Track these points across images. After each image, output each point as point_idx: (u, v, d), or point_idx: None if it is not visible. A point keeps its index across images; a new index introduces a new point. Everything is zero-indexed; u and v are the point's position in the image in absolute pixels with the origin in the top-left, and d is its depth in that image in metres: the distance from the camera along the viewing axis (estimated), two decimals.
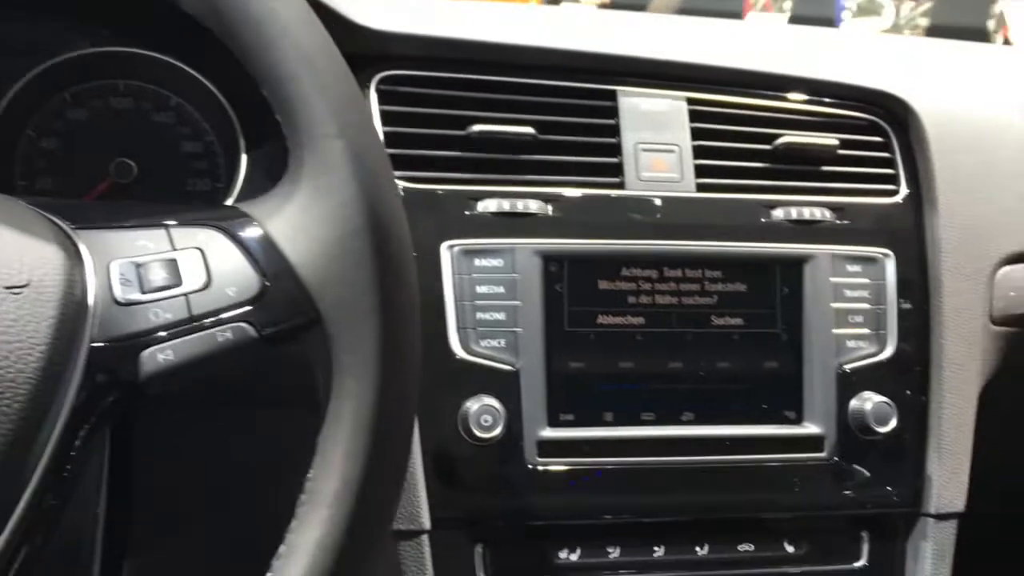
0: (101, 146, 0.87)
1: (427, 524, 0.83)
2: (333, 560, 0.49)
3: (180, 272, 0.51)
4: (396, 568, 0.83)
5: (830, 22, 2.01)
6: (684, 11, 1.58)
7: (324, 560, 0.49)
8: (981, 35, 1.97)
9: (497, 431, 0.82)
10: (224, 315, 0.51)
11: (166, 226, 0.53)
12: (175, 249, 0.52)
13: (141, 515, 0.89)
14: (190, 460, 0.84)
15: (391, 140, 0.87)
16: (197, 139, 0.89)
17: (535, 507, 0.86)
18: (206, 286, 0.51)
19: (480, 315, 0.85)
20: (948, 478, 0.92)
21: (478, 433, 0.82)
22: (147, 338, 0.50)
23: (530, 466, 0.85)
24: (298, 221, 0.53)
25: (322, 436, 0.52)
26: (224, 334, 0.51)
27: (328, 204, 0.52)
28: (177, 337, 0.50)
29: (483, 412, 0.82)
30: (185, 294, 0.51)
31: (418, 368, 0.57)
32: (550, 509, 0.86)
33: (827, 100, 0.99)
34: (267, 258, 0.52)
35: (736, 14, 1.88)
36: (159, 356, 0.50)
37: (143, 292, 0.50)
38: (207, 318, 0.51)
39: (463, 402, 0.83)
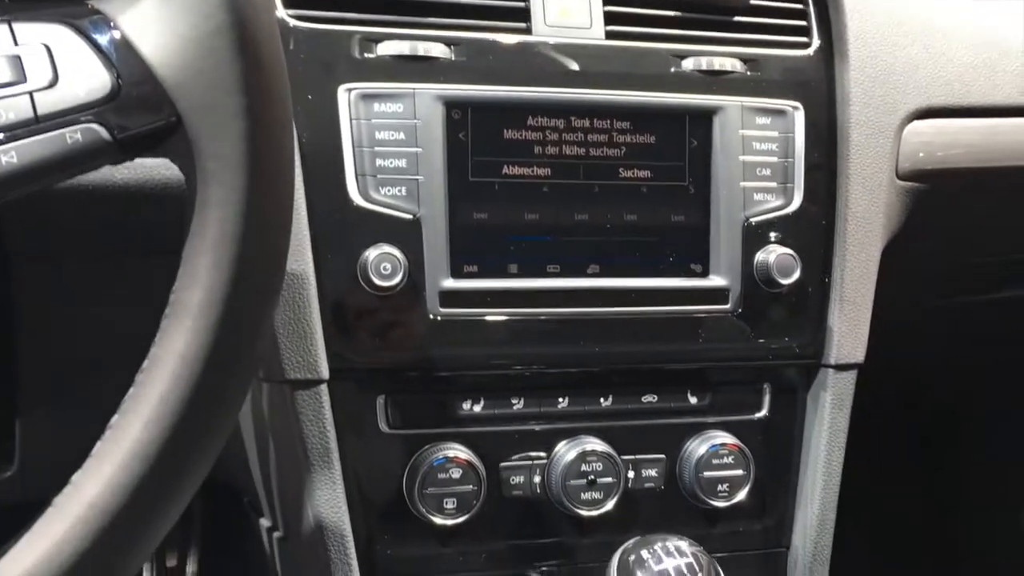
0: None
1: (325, 374, 0.81)
2: (196, 373, 0.47)
3: (24, 69, 0.47)
4: (294, 418, 0.82)
5: None
6: None
7: (186, 372, 0.47)
8: None
9: (397, 279, 0.80)
10: (73, 116, 0.47)
11: (7, 20, 0.48)
12: (17, 44, 0.48)
13: (28, 367, 0.86)
14: (76, 303, 0.80)
15: None
16: None
17: (437, 358, 0.85)
18: (52, 84, 0.47)
19: (380, 162, 0.82)
20: (848, 330, 0.93)
21: (377, 281, 0.80)
22: None
23: (432, 316, 0.84)
24: (155, 16, 0.49)
25: (186, 247, 0.49)
26: (73, 136, 0.47)
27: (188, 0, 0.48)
28: (21, 138, 0.46)
29: (383, 260, 0.80)
30: (29, 92, 0.47)
31: (290, 176, 0.54)
32: (453, 360, 0.85)
33: None
34: (120, 55, 0.48)
35: None
36: (2, 159, 0.46)
37: None
38: (55, 118, 0.47)
39: (362, 251, 0.81)
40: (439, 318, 0.84)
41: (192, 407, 0.47)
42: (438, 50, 0.84)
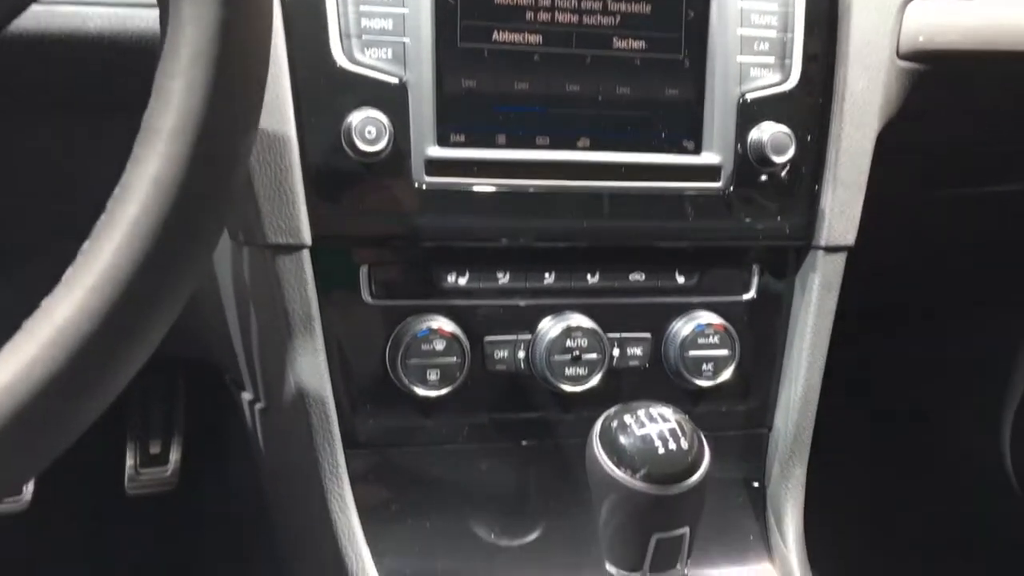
0: None
1: (307, 240, 0.80)
2: (170, 198, 0.45)
3: None
4: (276, 284, 0.80)
5: None
6: None
7: (160, 197, 0.45)
8: None
9: (382, 145, 0.78)
10: None
11: None
12: None
13: None
14: (40, 161, 0.78)
15: None
16: None
17: (422, 228, 0.83)
18: None
19: (364, 22, 0.79)
20: (841, 211, 0.92)
21: (362, 146, 0.78)
22: None
23: (417, 184, 0.82)
24: None
25: (159, 71, 0.47)
26: None
27: None
28: None
29: (367, 124, 0.78)
30: None
31: None
32: (437, 230, 0.84)
33: None
34: None
35: None
36: None
37: None
38: None
39: (346, 114, 0.78)
40: (424, 187, 0.82)
41: (165, 234, 0.45)
42: None
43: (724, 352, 0.91)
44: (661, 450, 0.68)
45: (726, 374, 0.92)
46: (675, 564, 0.71)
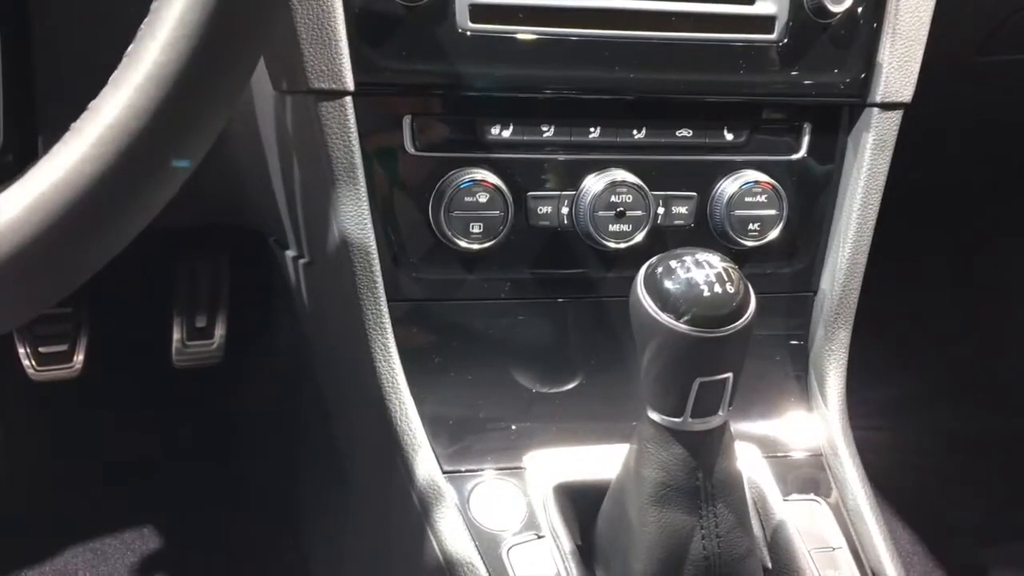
0: None
1: (350, 85, 0.78)
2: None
3: None
4: (319, 130, 0.79)
5: None
6: None
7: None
8: None
9: None
10: None
11: None
12: None
13: (45, 76, 0.83)
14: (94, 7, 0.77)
15: None
16: None
17: (465, 76, 0.81)
18: None
19: None
20: (899, 66, 0.89)
21: None
22: None
23: (461, 30, 0.80)
24: None
25: None
26: None
27: None
28: None
29: None
30: None
31: None
32: (481, 79, 0.82)
33: None
34: None
35: None
36: None
37: None
38: None
39: None
40: (468, 33, 0.80)
41: (211, 30, 0.44)
42: None
43: (771, 212, 0.90)
44: (706, 293, 0.67)
45: (773, 234, 0.90)
46: (717, 409, 0.71)
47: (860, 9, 0.86)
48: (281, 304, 1.24)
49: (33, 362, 1.54)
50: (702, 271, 0.68)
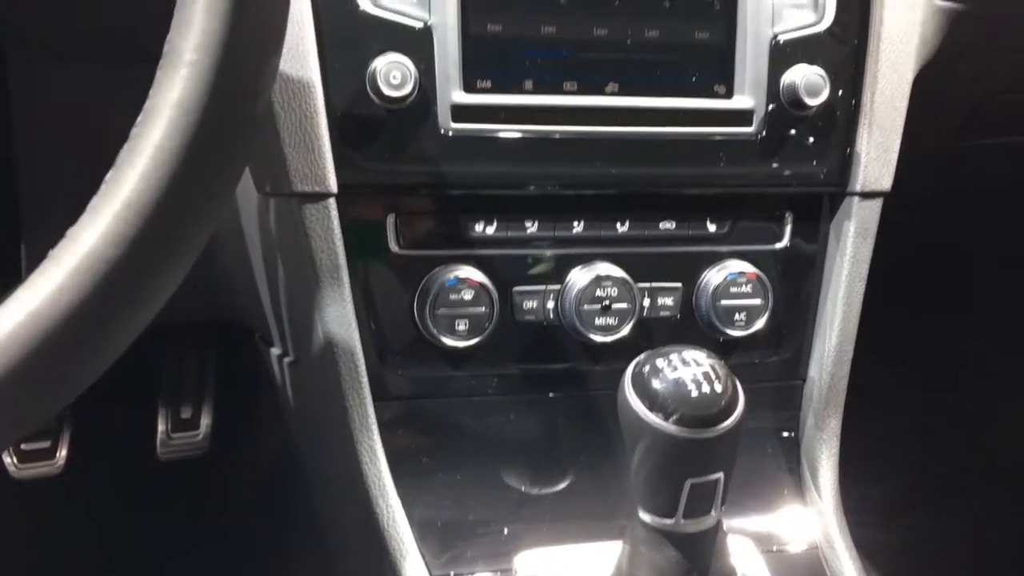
0: None
1: (333, 187, 0.79)
2: (193, 121, 0.44)
3: None
4: (303, 233, 0.79)
5: None
6: None
7: (182, 121, 0.44)
8: None
9: (407, 90, 0.77)
10: None
11: None
12: None
13: (30, 184, 0.83)
14: (75, 114, 0.77)
15: None
16: None
17: (448, 175, 0.82)
18: None
19: None
20: (876, 155, 0.90)
21: (387, 91, 0.76)
22: None
23: (443, 131, 0.80)
24: None
25: None
26: None
27: None
28: None
29: (392, 69, 0.76)
30: None
31: None
32: (464, 177, 0.83)
33: None
34: None
35: None
36: None
37: None
38: None
39: (371, 59, 0.77)
40: (450, 133, 0.80)
41: (189, 157, 0.44)
42: None
43: (757, 301, 0.90)
44: (694, 393, 0.66)
45: (759, 324, 0.90)
46: (709, 510, 0.69)
47: (836, 101, 0.88)
48: (267, 395, 1.23)
49: (14, 459, 1.52)
50: (689, 369, 0.68)
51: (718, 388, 0.67)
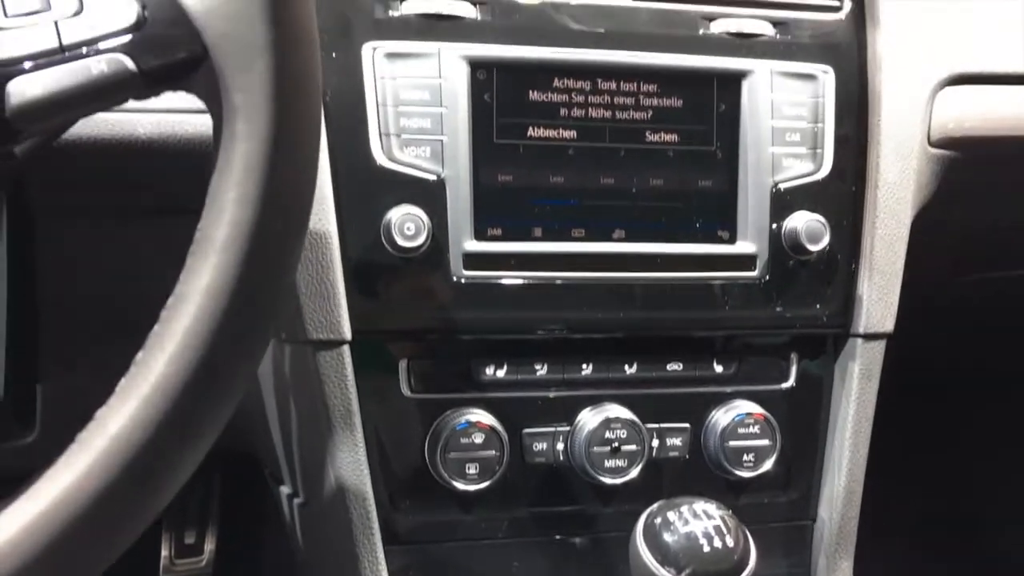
0: None
1: (347, 335, 0.81)
2: (222, 307, 0.46)
3: None
4: (316, 379, 0.81)
5: None
6: None
7: (211, 306, 0.46)
8: None
9: (420, 240, 0.79)
10: (99, 45, 0.46)
11: None
12: None
13: (49, 331, 0.85)
14: (98, 266, 0.80)
15: None
16: None
17: (460, 321, 0.84)
18: (77, 13, 0.46)
19: (404, 122, 0.81)
20: (878, 298, 0.92)
21: (401, 242, 0.79)
22: (12, 67, 0.45)
23: (455, 278, 0.83)
24: None
25: (212, 183, 0.48)
26: (99, 66, 0.46)
27: None
28: (46, 67, 0.46)
29: (406, 220, 0.79)
30: (54, 20, 0.46)
31: (316, 111, 0.53)
32: (475, 323, 0.84)
33: None
34: None
35: None
36: (27, 88, 0.45)
37: (6, 17, 0.46)
38: (80, 48, 0.46)
39: (386, 211, 0.80)
40: (462, 281, 0.83)
41: (217, 342, 0.46)
42: (463, 9, 0.83)
43: (765, 442, 0.90)
44: (706, 548, 0.67)
45: (767, 465, 0.91)
46: None
47: (837, 246, 0.90)
48: (272, 526, 1.22)
49: None
50: (700, 523, 0.69)
51: (730, 543, 0.67)
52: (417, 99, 0.81)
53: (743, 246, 0.89)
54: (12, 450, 0.96)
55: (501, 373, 0.87)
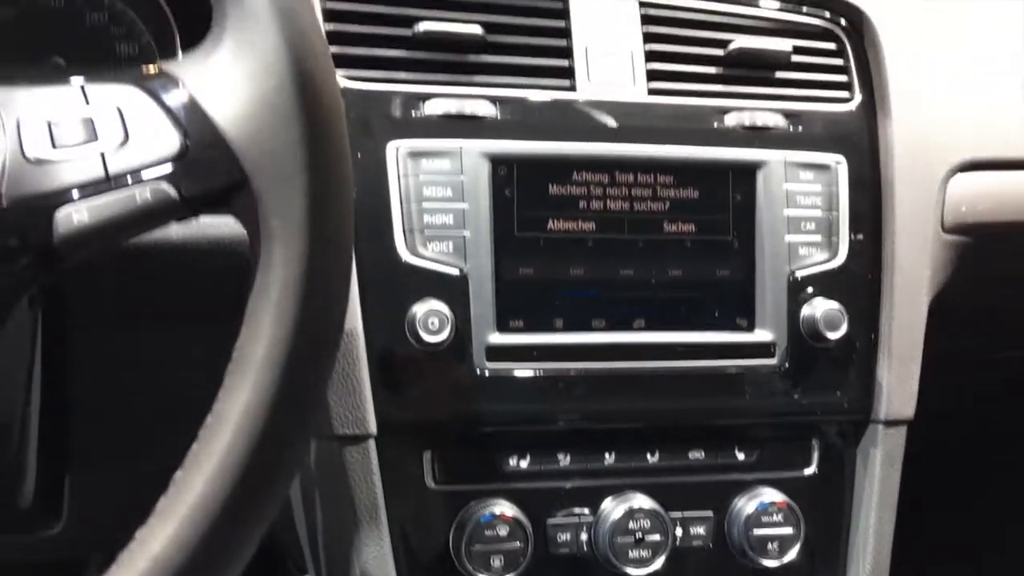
0: (32, 45, 0.84)
1: (373, 429, 0.81)
2: (259, 426, 0.47)
3: (95, 129, 0.49)
4: (343, 474, 0.82)
5: None
6: None
7: (251, 426, 0.47)
8: None
9: (445, 335, 0.80)
10: (143, 174, 0.48)
11: (80, 83, 0.50)
12: (89, 105, 0.49)
13: (80, 427, 0.87)
14: (129, 365, 0.81)
15: (336, 38, 0.84)
16: (133, 40, 0.86)
17: (484, 413, 0.85)
18: (123, 144, 0.49)
19: (427, 218, 0.83)
20: (898, 385, 0.92)
21: (425, 337, 0.80)
22: (60, 197, 0.47)
23: (479, 371, 0.84)
24: (220, 77, 0.50)
25: (250, 303, 0.50)
26: (143, 195, 0.48)
27: (251, 59, 0.50)
28: (92, 196, 0.48)
29: (430, 316, 0.80)
30: (101, 152, 0.48)
31: (350, 232, 0.55)
32: (499, 415, 0.85)
33: (780, 5, 0.97)
34: (188, 116, 0.50)
35: None
36: (74, 217, 0.47)
37: (55, 148, 0.48)
38: (125, 177, 0.48)
39: (410, 306, 0.81)
40: (486, 373, 0.84)
41: (256, 460, 0.47)
42: (484, 108, 0.85)
43: (789, 531, 0.90)
44: None
45: (792, 553, 0.90)
46: None
47: (855, 333, 0.91)
48: None
49: None
50: None
51: None
52: (440, 195, 0.83)
53: (762, 334, 0.90)
54: (39, 540, 0.96)
55: (524, 464, 0.88)
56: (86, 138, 0.48)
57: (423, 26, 0.86)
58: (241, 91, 0.49)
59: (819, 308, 0.89)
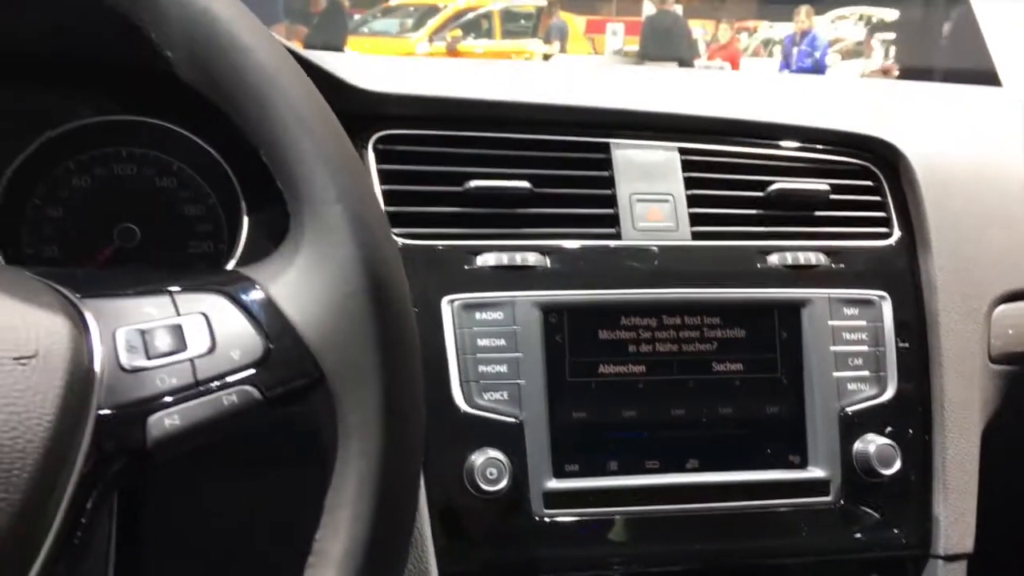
0: (106, 212, 0.88)
1: None
2: None
3: (185, 337, 0.52)
4: None
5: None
6: None
7: None
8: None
9: (503, 484, 0.82)
10: (229, 378, 0.52)
11: (170, 292, 0.53)
12: (179, 315, 0.52)
13: None
14: (198, 525, 0.84)
15: (390, 198, 0.89)
16: (199, 202, 0.90)
17: (543, 559, 0.86)
18: (211, 350, 0.52)
19: (482, 368, 0.86)
20: (955, 519, 0.92)
21: (484, 487, 0.82)
22: (153, 404, 0.50)
23: (537, 518, 0.85)
24: (299, 284, 0.54)
25: (329, 498, 0.52)
26: (229, 398, 0.51)
27: (328, 267, 0.53)
28: (183, 402, 0.51)
29: (488, 465, 0.82)
30: (190, 359, 0.51)
31: (422, 426, 0.57)
32: (558, 561, 0.86)
33: (818, 147, 1.00)
34: (270, 321, 0.53)
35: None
36: (166, 421, 0.50)
37: (149, 358, 0.51)
38: (212, 382, 0.51)
39: (468, 455, 0.83)
40: (544, 519, 0.85)
41: None
42: (534, 259, 0.89)
43: None
44: None
45: None
46: None
47: (909, 468, 0.91)
48: None
49: None
50: None
51: None
52: (495, 346, 0.86)
53: (815, 471, 0.90)
54: None
55: None
56: (177, 347, 0.52)
57: (474, 183, 0.90)
58: (319, 297, 0.53)
59: (871, 444, 0.89)
